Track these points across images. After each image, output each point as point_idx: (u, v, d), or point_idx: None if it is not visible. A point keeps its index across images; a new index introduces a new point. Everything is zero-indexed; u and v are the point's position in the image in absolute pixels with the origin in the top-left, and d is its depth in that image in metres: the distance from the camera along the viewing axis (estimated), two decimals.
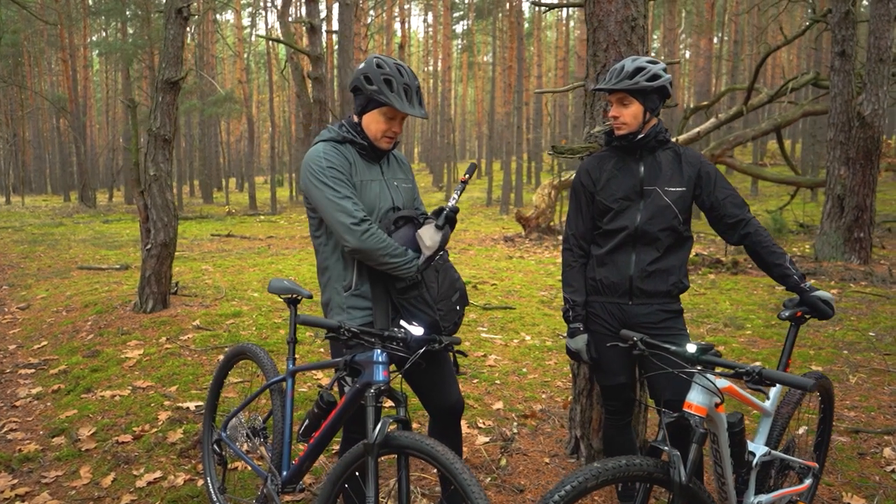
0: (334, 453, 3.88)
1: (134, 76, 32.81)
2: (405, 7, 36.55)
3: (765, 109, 30.71)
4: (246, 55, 42.84)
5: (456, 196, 2.80)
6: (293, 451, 3.04)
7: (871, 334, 6.59)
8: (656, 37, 46.56)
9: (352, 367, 2.63)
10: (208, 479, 3.49)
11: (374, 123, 2.75)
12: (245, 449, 3.36)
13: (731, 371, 2.15)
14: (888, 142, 11.71)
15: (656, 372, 2.61)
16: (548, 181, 16.12)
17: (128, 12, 30.62)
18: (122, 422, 4.48)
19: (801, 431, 4.16)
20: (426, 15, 54.91)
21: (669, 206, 2.89)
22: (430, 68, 53.53)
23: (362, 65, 2.74)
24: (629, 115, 2.87)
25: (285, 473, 2.94)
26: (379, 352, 2.52)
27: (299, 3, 30.01)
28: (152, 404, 4.73)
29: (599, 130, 3.41)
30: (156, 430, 4.32)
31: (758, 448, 2.65)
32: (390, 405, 2.52)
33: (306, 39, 15.21)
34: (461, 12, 51.57)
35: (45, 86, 47.42)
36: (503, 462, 3.86)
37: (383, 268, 2.68)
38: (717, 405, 2.29)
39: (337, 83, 17.67)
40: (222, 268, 10.48)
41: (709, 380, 2.23)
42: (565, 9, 42.95)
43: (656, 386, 2.90)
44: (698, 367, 2.26)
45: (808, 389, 1.94)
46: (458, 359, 2.78)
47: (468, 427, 4.35)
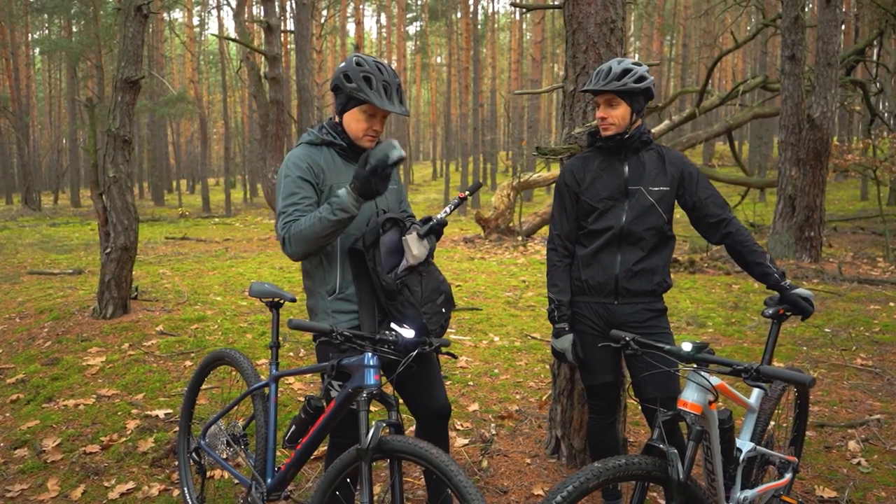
0: (313, 460, 3.82)
1: (80, 75, 31.90)
2: (360, 7, 36.34)
3: (714, 112, 31.49)
4: (198, 55, 42.05)
5: (448, 210, 2.78)
6: (277, 457, 2.98)
7: (827, 331, 6.79)
8: None
9: (339, 372, 2.60)
10: (185, 489, 3.40)
11: (354, 122, 2.72)
12: (224, 457, 3.28)
13: (728, 369, 2.18)
14: (835, 143, 12.09)
15: (650, 372, 2.64)
16: (506, 182, 16.20)
17: (73, 9, 29.77)
18: (88, 431, 4.33)
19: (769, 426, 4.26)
20: (379, 16, 54.74)
21: (654, 206, 2.92)
22: None
23: (342, 63, 2.72)
24: (617, 116, 2.90)
25: (270, 481, 2.88)
26: (370, 355, 2.49)
27: (252, 3, 29.59)
28: (119, 413, 4.59)
29: (580, 131, 3.43)
30: (125, 439, 4.20)
31: (744, 444, 2.70)
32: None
33: (261, 39, 14.99)
34: (414, 13, 51.59)
35: None
36: (485, 464, 3.86)
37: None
38: (710, 403, 2.33)
39: (295, 83, 17.46)
40: (181, 271, 10.25)
41: (705, 377, 2.26)
42: (518, 12, 43.29)
43: (641, 385, 2.93)
44: (693, 366, 2.28)
45: (807, 385, 1.98)
46: (457, 356, 2.77)
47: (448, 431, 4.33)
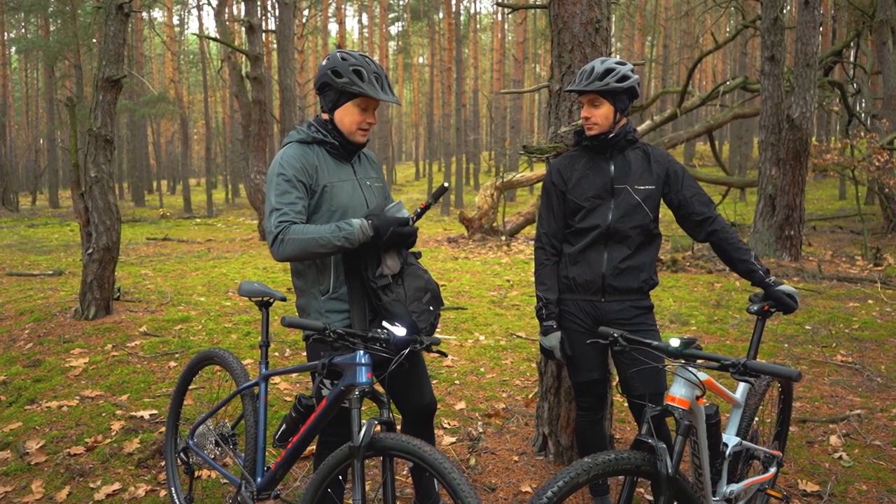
0: (301, 459, 3.81)
1: (58, 74, 31.53)
2: (342, 7, 36.25)
3: (694, 112, 31.75)
4: (177, 54, 41.73)
5: (413, 218, 2.75)
6: (266, 457, 2.98)
7: (807, 328, 6.89)
8: None
9: (330, 370, 2.60)
10: (173, 489, 3.39)
11: (348, 117, 2.71)
12: (212, 457, 3.27)
13: (716, 364, 2.22)
14: (814, 143, 12.26)
15: (638, 368, 2.67)
16: (490, 182, 16.24)
17: (50, 8, 29.44)
18: (72, 433, 4.30)
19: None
20: (361, 16, 54.64)
21: (640, 205, 2.96)
22: None
23: (325, 61, 2.71)
24: (600, 115, 2.93)
25: (259, 480, 2.88)
26: (362, 353, 2.50)
27: (234, 3, 29.44)
28: (103, 414, 4.56)
29: (566, 130, 3.46)
30: (110, 440, 4.17)
31: (730, 439, 2.74)
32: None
33: (241, 39, 14.92)
34: (396, 13, 51.53)
35: None
36: (472, 462, 3.88)
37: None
38: (698, 398, 2.36)
39: (278, 83, 17.39)
40: (163, 272, 10.18)
41: (692, 373, 2.29)
42: (501, 13, 43.39)
43: (628, 381, 2.96)
44: (681, 361, 2.31)
45: (794, 379, 2.02)
46: (448, 354, 2.78)
47: (434, 428, 4.34)
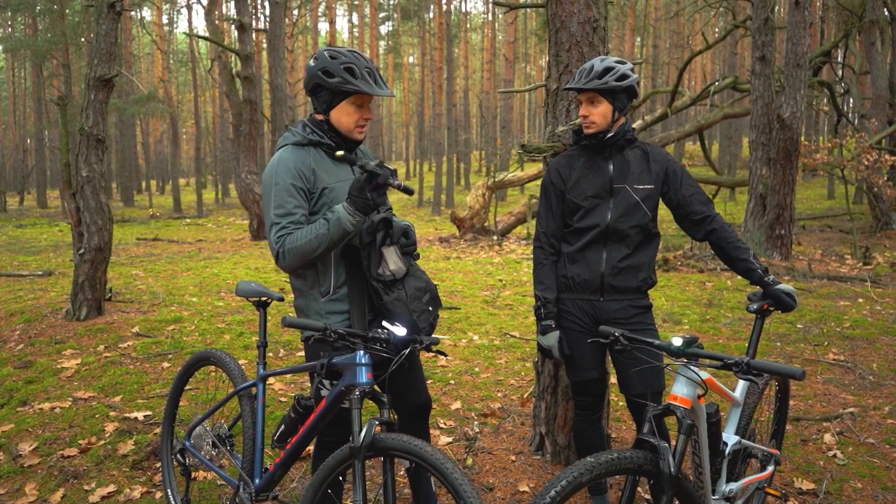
0: (300, 459, 3.79)
1: (46, 74, 31.30)
2: (332, 6, 36.15)
3: (684, 112, 31.85)
4: (166, 54, 41.52)
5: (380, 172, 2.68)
6: (263, 457, 2.96)
7: (799, 326, 6.91)
8: None
9: (329, 371, 2.59)
10: (169, 491, 3.36)
11: (345, 116, 2.68)
12: (209, 458, 3.25)
13: (719, 363, 2.22)
14: (804, 143, 12.32)
15: (639, 367, 2.67)
16: (481, 182, 16.24)
17: (38, 6, 29.21)
18: (65, 435, 4.26)
19: None
20: (351, 15, 54.50)
21: (639, 204, 2.96)
22: None
23: (313, 62, 2.64)
24: (598, 114, 2.92)
25: (258, 481, 2.86)
26: (362, 353, 2.49)
27: (223, 2, 29.32)
28: (97, 415, 4.52)
29: (564, 129, 3.46)
30: (104, 442, 4.13)
31: (730, 437, 2.74)
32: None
33: (231, 38, 14.85)
34: (387, 13, 51.45)
35: None
36: (469, 462, 3.87)
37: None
38: (699, 397, 2.36)
39: (268, 83, 17.32)
40: (154, 272, 10.12)
41: (694, 371, 2.29)
42: (491, 11, 43.43)
43: (627, 381, 2.96)
44: (683, 360, 2.31)
45: (798, 377, 2.02)
46: (447, 354, 2.78)
47: (430, 428, 4.33)
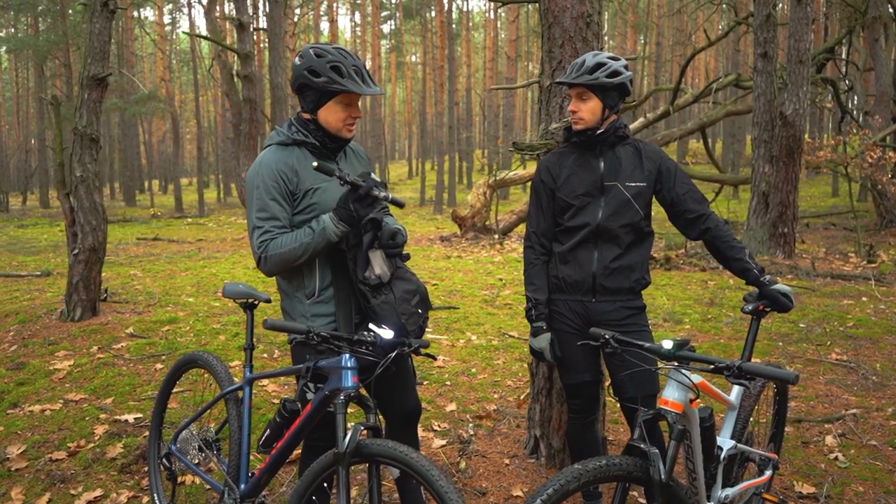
0: (287, 463, 3.74)
1: (48, 74, 31.31)
2: (334, 6, 36.12)
3: (687, 110, 31.75)
4: (169, 54, 41.52)
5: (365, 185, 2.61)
6: (250, 462, 2.90)
7: (801, 326, 6.84)
8: None
9: (315, 374, 2.53)
10: (155, 496, 3.31)
11: (332, 115, 2.61)
12: (195, 462, 3.19)
13: (710, 366, 2.15)
14: (807, 140, 12.23)
15: (630, 371, 2.60)
16: (483, 180, 16.17)
17: (40, 7, 29.21)
18: (54, 438, 4.20)
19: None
20: (353, 14, 54.46)
21: (630, 202, 2.89)
22: None
23: (298, 60, 2.57)
24: (587, 110, 2.86)
25: (243, 486, 2.80)
26: (347, 357, 2.43)
27: (224, 1, 29.30)
28: (87, 418, 4.47)
29: (557, 127, 3.39)
30: (93, 445, 4.08)
31: (725, 442, 2.68)
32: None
33: (232, 37, 14.81)
34: (389, 12, 51.39)
35: None
36: (463, 465, 3.81)
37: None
38: (691, 401, 2.29)
39: (269, 81, 17.29)
40: (152, 273, 10.08)
41: (686, 375, 2.22)
42: (493, 10, 43.34)
43: (620, 384, 2.89)
44: (674, 364, 2.25)
45: (791, 381, 1.95)
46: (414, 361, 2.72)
47: (423, 430, 4.28)
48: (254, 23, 24.12)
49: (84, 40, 6.51)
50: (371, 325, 2.53)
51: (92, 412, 4.56)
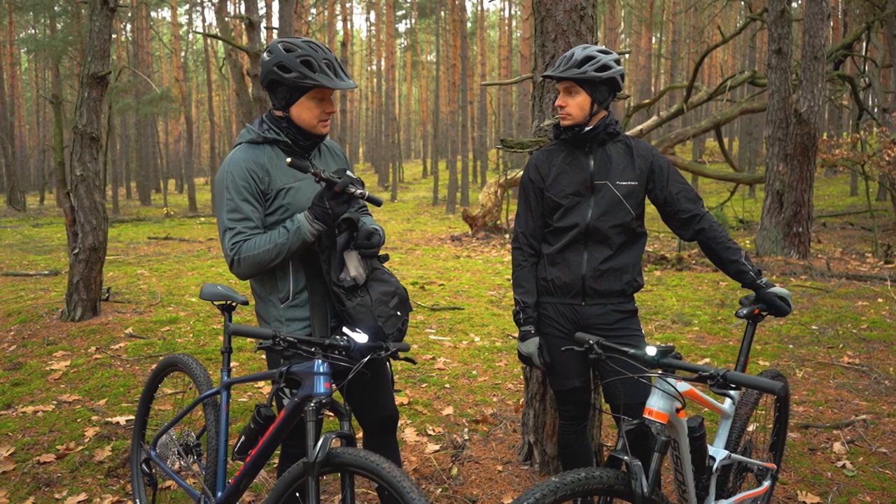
0: (275, 467, 3.66)
1: (64, 73, 31.56)
2: (347, 5, 36.11)
3: (703, 107, 31.43)
4: (183, 53, 41.73)
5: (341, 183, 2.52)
6: (229, 469, 2.82)
7: (814, 328, 6.67)
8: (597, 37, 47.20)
9: (290, 379, 2.44)
10: (137, 502, 3.24)
11: (305, 111, 2.51)
12: (177, 468, 3.12)
13: (694, 375, 2.03)
14: (822, 138, 11.99)
15: (614, 378, 2.49)
16: (494, 179, 16.06)
17: (56, 7, 29.46)
18: (44, 440, 4.16)
19: (751, 428, 4.12)
20: (368, 14, 54.48)
21: (621, 202, 2.77)
22: (374, 67, 53.19)
23: (267, 56, 2.48)
24: (575, 105, 2.74)
25: (220, 494, 2.72)
26: (320, 362, 2.34)
27: (236, 1, 29.37)
28: (78, 420, 4.42)
29: (549, 123, 3.28)
30: (82, 447, 4.02)
31: (718, 452, 2.56)
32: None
33: (245, 36, 14.82)
34: (404, 11, 51.34)
35: None
36: (454, 471, 3.71)
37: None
38: (678, 410, 2.18)
39: None
40: (159, 272, 10.06)
41: (670, 384, 2.11)
42: (508, 8, 43.15)
43: (611, 390, 2.78)
44: (658, 371, 2.14)
45: (777, 393, 1.84)
46: (407, 363, 2.60)
47: (417, 435, 4.18)
48: (266, 22, 24.14)
49: (84, 38, 6.46)
50: (345, 329, 2.44)
51: (84, 414, 4.51)
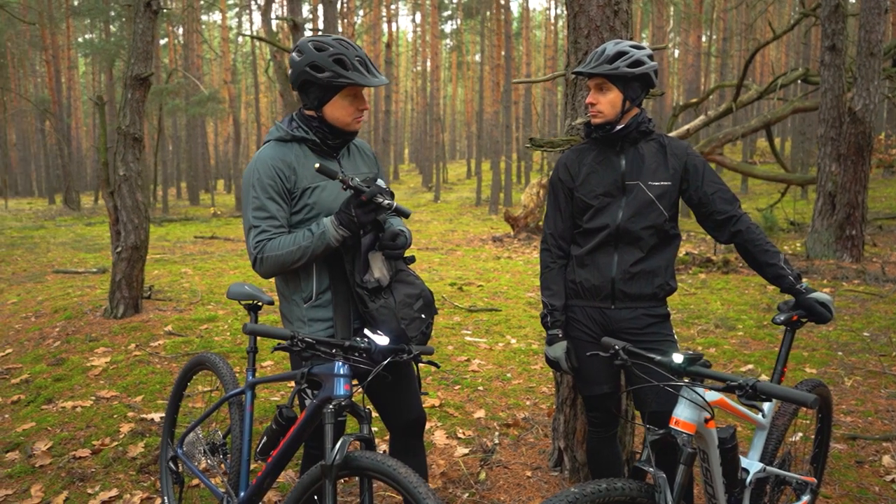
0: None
1: (117, 76, 32.40)
2: (392, 7, 36.28)
3: (754, 106, 30.67)
4: (233, 56, 42.49)
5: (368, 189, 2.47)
6: (253, 468, 2.81)
7: (865, 335, 6.41)
8: (645, 35, 46.54)
9: (311, 380, 2.42)
10: (165, 499, 3.26)
11: (340, 110, 2.49)
12: (203, 466, 3.13)
13: (722, 384, 1.94)
14: (879, 138, 11.56)
15: (640, 385, 2.39)
16: (536, 180, 15.92)
17: (112, 12, 30.24)
18: (81, 435, 4.23)
19: (795, 438, 3.96)
20: (414, 15, 54.67)
21: (653, 202, 2.67)
22: (419, 68, 53.34)
23: (297, 56, 2.44)
24: (606, 102, 2.65)
25: (243, 494, 2.71)
26: (340, 364, 2.31)
27: (284, 2, 29.72)
28: (115, 415, 4.49)
29: (580, 122, 3.20)
30: (116, 443, 4.08)
31: (752, 464, 2.44)
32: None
33: (291, 39, 14.97)
34: (449, 12, 51.37)
35: (31, 87, 46.83)
36: (482, 476, 3.64)
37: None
38: (706, 420, 2.08)
39: None
40: (202, 270, 10.22)
41: (698, 393, 2.01)
42: (554, 7, 42.80)
43: (641, 397, 2.68)
44: (685, 380, 2.04)
45: (809, 406, 1.73)
46: (441, 365, 2.53)
47: (447, 438, 4.13)
48: (312, 24, 24.38)
49: (128, 41, 6.59)
50: (366, 331, 2.40)
51: (121, 410, 4.57)
